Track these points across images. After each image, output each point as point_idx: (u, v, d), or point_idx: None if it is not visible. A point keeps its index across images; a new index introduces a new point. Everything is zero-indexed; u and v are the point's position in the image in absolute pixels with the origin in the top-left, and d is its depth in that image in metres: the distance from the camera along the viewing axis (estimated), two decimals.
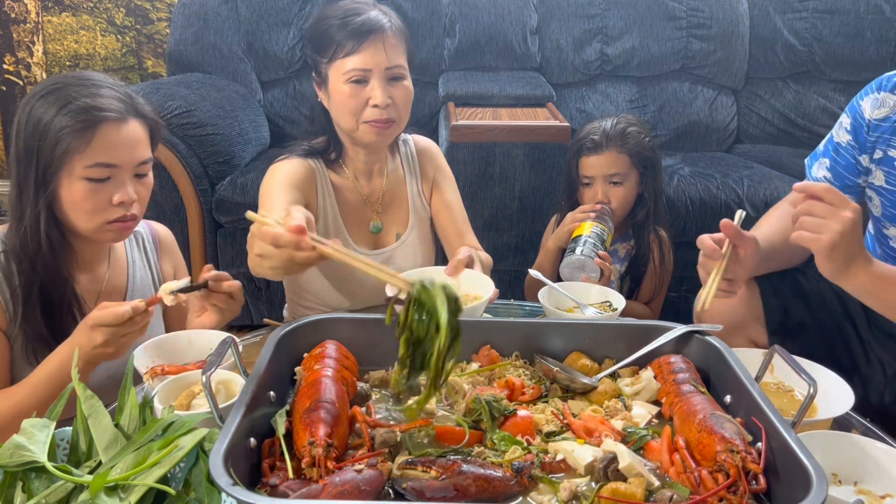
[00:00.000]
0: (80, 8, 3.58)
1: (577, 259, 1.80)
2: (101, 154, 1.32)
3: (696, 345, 1.20)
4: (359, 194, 1.71)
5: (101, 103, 1.33)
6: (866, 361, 1.63)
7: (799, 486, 0.83)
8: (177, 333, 1.36)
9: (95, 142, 1.31)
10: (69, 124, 1.30)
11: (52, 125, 1.30)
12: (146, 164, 1.40)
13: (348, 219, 1.70)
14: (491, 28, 3.22)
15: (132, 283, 1.54)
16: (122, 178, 1.36)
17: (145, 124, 1.40)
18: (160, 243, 1.63)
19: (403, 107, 1.60)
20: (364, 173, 1.72)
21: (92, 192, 1.33)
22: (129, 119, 1.36)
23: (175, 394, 1.12)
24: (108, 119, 1.33)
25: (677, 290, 2.48)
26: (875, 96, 1.54)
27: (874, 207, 1.62)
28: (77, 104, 1.31)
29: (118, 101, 1.35)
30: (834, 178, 1.63)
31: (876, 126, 1.54)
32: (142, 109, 1.40)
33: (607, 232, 1.89)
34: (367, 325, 1.24)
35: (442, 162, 1.83)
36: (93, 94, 1.33)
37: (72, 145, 1.30)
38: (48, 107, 1.32)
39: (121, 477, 0.85)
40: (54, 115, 1.31)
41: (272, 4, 3.18)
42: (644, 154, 2.03)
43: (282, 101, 3.24)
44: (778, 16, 3.29)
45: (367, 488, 0.86)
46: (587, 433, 1.03)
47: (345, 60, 1.54)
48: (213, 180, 2.66)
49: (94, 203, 1.34)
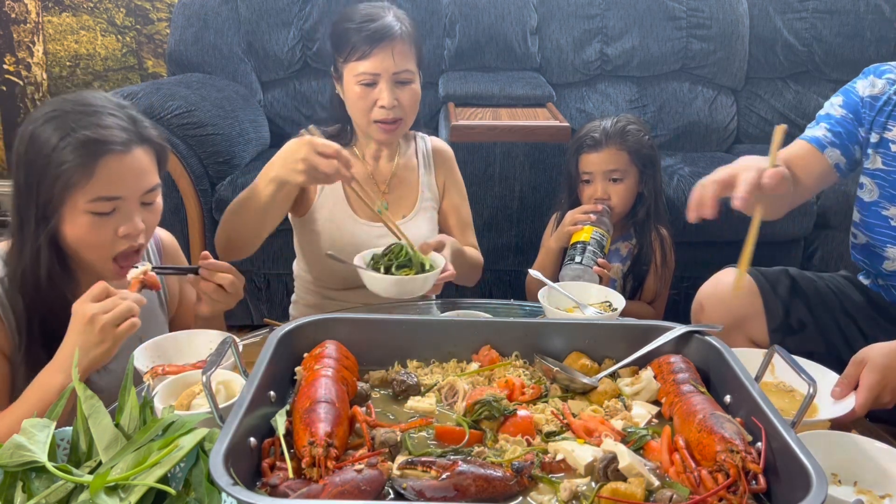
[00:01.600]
0: (80, 8, 3.58)
1: (577, 268, 1.85)
2: (105, 187, 1.26)
3: (695, 345, 1.20)
4: (365, 171, 1.82)
5: (103, 134, 1.25)
6: None
7: (799, 486, 0.83)
8: (177, 333, 1.36)
9: (98, 175, 1.24)
10: (69, 159, 1.23)
11: (51, 160, 1.23)
12: (153, 191, 1.34)
13: (352, 192, 1.78)
14: (491, 28, 3.22)
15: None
16: (127, 209, 1.29)
17: (151, 149, 1.33)
18: (164, 252, 1.59)
19: (410, 107, 1.73)
20: (373, 156, 1.84)
21: (96, 226, 1.27)
22: (134, 148, 1.29)
23: (175, 394, 1.12)
24: (111, 151, 1.25)
25: (677, 288, 2.49)
26: (869, 80, 1.64)
27: (866, 194, 1.64)
28: (77, 136, 1.23)
29: (121, 130, 1.28)
30: (834, 136, 1.66)
31: (869, 103, 1.62)
32: (147, 134, 1.33)
33: (606, 236, 1.91)
34: (367, 325, 1.24)
35: (454, 166, 1.94)
36: (94, 123, 1.25)
37: (73, 180, 1.23)
38: (47, 137, 1.24)
39: (121, 477, 0.85)
40: (53, 147, 1.23)
41: (272, 4, 3.18)
42: (643, 152, 2.04)
43: (282, 101, 3.25)
44: (778, 16, 3.29)
45: (367, 488, 0.86)
46: (587, 433, 1.03)
47: (357, 63, 1.67)
48: (213, 180, 2.66)
49: (98, 236, 1.28)
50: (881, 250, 1.63)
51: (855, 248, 1.72)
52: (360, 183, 1.66)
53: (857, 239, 1.70)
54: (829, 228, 2.74)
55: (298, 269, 1.92)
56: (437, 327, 1.26)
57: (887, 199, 1.60)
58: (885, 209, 1.61)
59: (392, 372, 1.19)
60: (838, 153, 1.66)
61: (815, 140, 1.69)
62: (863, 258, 1.70)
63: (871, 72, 1.66)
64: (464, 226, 1.93)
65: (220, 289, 1.40)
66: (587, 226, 1.91)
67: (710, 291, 1.70)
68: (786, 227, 2.67)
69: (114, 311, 1.18)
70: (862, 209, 1.66)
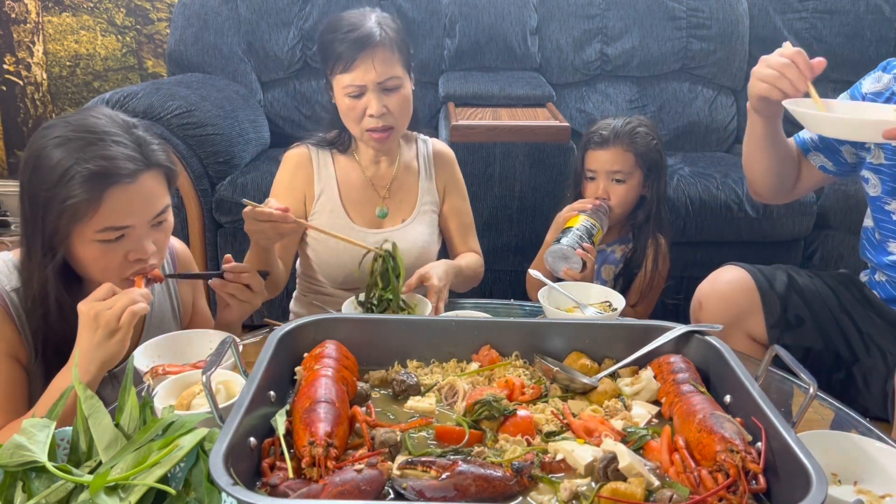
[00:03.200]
0: (80, 8, 3.58)
1: (557, 248, 1.82)
2: (112, 218, 1.22)
3: (695, 345, 1.20)
4: (364, 177, 1.82)
5: (109, 167, 1.20)
6: (866, 352, 1.64)
7: (799, 485, 0.83)
8: (177, 333, 1.36)
9: (104, 207, 1.20)
10: (75, 193, 1.18)
11: (56, 194, 1.19)
12: (164, 212, 1.30)
13: (350, 200, 1.80)
14: (491, 28, 3.21)
15: (150, 312, 1.43)
16: (137, 234, 1.26)
17: (160, 172, 1.29)
18: (178, 261, 1.55)
19: (400, 113, 1.71)
20: (372, 161, 1.83)
21: (105, 253, 1.24)
22: (141, 176, 1.24)
23: (175, 394, 1.12)
24: (118, 183, 1.21)
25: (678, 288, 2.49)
26: (877, 75, 1.65)
27: (871, 188, 1.65)
28: (82, 169, 1.18)
29: (128, 160, 1.22)
30: (819, 140, 1.70)
31: (871, 99, 1.63)
32: (155, 159, 1.28)
33: (598, 227, 1.90)
34: (367, 325, 1.24)
35: (455, 169, 1.93)
36: (99, 155, 1.20)
37: (79, 214, 1.19)
38: (51, 167, 1.19)
39: (121, 477, 0.85)
40: (57, 180, 1.18)
41: (272, 4, 3.18)
42: (650, 155, 2.03)
43: (282, 101, 3.24)
44: (778, 16, 3.29)
45: (367, 488, 0.86)
46: (587, 433, 1.03)
47: (342, 76, 1.66)
48: (213, 180, 2.66)
49: (107, 262, 1.25)
50: (885, 244, 1.63)
51: (866, 231, 1.73)
52: (315, 226, 1.67)
53: (869, 226, 1.72)
54: (829, 228, 2.74)
55: (300, 268, 1.92)
56: (437, 327, 1.26)
57: (889, 193, 1.61)
58: (888, 204, 1.61)
59: (392, 372, 1.19)
60: (822, 157, 1.70)
61: (800, 141, 1.75)
62: (871, 247, 1.70)
63: (881, 67, 1.66)
64: (465, 229, 1.92)
65: (247, 289, 1.40)
66: (580, 215, 1.91)
67: (708, 289, 1.71)
68: (786, 227, 2.67)
69: (116, 305, 1.17)
70: (869, 203, 1.68)
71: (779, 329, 1.64)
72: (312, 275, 1.84)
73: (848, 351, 1.65)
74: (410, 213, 1.84)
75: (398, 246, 1.64)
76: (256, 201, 1.49)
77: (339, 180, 1.80)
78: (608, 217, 1.98)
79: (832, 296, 1.69)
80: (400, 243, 1.75)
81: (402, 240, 1.77)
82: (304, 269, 1.88)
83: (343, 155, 1.82)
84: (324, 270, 1.80)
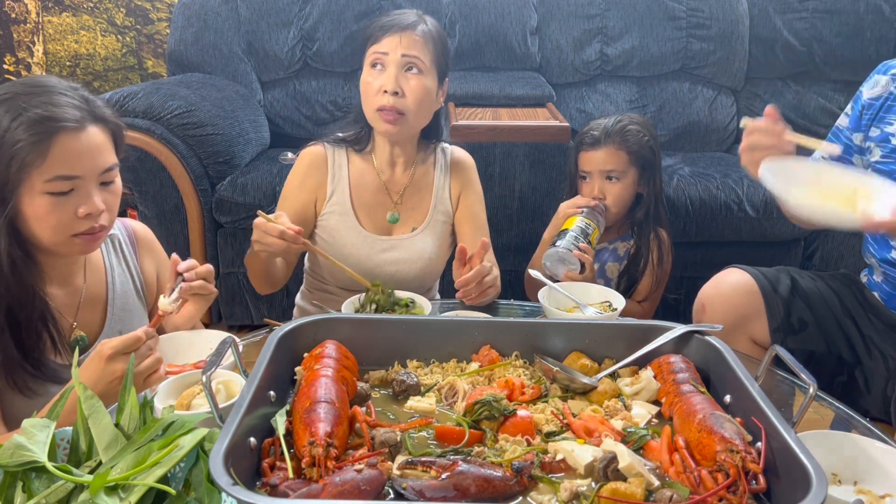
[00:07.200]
0: (80, 8, 3.58)
1: (554, 252, 1.83)
2: (61, 166, 1.23)
3: (695, 345, 1.20)
4: (378, 180, 1.81)
5: (56, 112, 1.23)
6: (868, 355, 1.64)
7: (799, 485, 0.83)
8: (177, 333, 1.36)
9: (53, 154, 1.22)
10: (23, 138, 1.20)
11: (4, 141, 1.21)
12: (111, 170, 1.32)
13: (361, 203, 1.79)
14: (491, 28, 3.22)
15: (112, 291, 1.47)
16: (86, 188, 1.27)
17: (107, 129, 1.32)
18: (138, 242, 1.56)
19: (414, 101, 1.68)
20: (388, 163, 1.81)
21: (55, 207, 1.25)
22: (88, 126, 1.27)
23: (175, 394, 1.12)
24: (64, 129, 1.23)
25: (678, 288, 2.49)
26: (874, 80, 1.66)
27: None
28: (29, 115, 1.21)
29: (74, 108, 1.26)
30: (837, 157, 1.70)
31: (870, 105, 1.64)
32: (101, 113, 1.31)
33: (593, 227, 1.91)
34: (367, 325, 1.24)
35: (474, 176, 1.90)
36: (45, 102, 1.24)
37: (27, 160, 1.21)
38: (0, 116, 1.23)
39: (121, 477, 0.85)
40: (5, 129, 1.21)
41: (272, 4, 3.18)
42: (643, 153, 2.04)
43: (282, 101, 3.25)
44: (778, 16, 3.29)
45: (367, 488, 0.86)
46: (587, 433, 1.03)
47: (370, 49, 1.70)
48: (213, 180, 2.66)
49: (58, 217, 1.26)
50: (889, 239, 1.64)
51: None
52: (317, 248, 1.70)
53: None
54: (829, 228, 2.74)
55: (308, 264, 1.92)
56: (437, 327, 1.26)
57: None
58: None
59: (392, 372, 1.19)
60: None
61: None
62: (874, 242, 1.70)
63: (879, 70, 1.67)
64: (479, 237, 1.82)
65: (204, 281, 1.39)
66: (576, 216, 1.92)
67: (711, 292, 1.70)
68: (786, 227, 2.67)
69: (140, 366, 1.16)
70: None
71: (782, 332, 1.63)
72: (319, 272, 1.84)
73: (850, 353, 1.65)
74: (421, 223, 1.82)
75: (405, 256, 1.68)
76: (258, 203, 1.49)
77: (352, 182, 1.79)
78: (605, 216, 1.98)
79: (834, 298, 1.69)
80: (406, 253, 1.77)
81: (408, 250, 1.77)
82: (312, 266, 1.88)
83: (359, 155, 1.81)
84: (330, 270, 1.79)
